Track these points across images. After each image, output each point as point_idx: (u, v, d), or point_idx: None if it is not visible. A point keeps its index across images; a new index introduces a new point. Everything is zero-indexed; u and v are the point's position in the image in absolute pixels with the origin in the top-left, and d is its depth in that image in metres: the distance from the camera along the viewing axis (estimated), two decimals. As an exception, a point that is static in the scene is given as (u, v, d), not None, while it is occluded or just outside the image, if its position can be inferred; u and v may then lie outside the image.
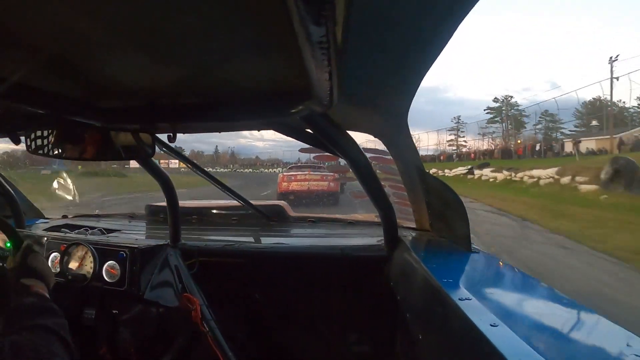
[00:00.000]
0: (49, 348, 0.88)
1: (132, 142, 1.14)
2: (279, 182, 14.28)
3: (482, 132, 49.00)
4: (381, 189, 1.48)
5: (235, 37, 0.60)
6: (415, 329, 1.19)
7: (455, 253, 1.42)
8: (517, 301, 1.10)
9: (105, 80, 0.83)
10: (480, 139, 50.07)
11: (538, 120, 42.75)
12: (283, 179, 14.36)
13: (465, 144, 52.32)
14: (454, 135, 53.94)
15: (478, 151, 42.38)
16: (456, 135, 54.17)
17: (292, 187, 13.62)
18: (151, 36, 0.61)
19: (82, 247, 1.60)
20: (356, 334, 1.80)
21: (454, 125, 54.48)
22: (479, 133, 48.90)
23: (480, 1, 0.66)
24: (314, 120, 1.06)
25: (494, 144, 45.07)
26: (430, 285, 1.11)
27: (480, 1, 0.66)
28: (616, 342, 0.77)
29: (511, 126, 46.71)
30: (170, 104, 0.97)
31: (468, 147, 50.44)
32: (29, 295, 1.01)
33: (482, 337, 0.75)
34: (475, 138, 51.04)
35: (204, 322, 1.59)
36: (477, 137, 50.86)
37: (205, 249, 1.80)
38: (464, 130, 53.39)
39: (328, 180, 12.82)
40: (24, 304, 0.98)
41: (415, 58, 0.89)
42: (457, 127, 54.31)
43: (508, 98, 51.62)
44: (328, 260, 1.71)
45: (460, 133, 54.02)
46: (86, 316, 1.62)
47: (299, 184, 13.73)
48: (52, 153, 1.12)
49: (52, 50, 0.66)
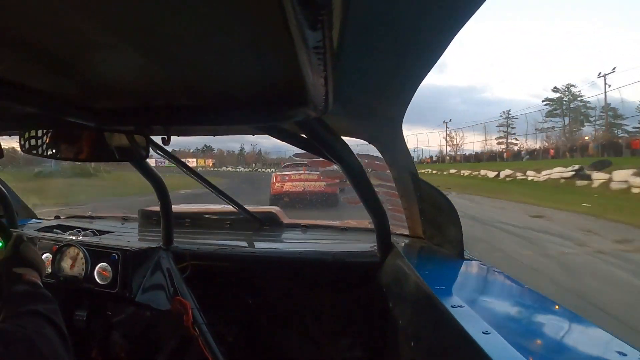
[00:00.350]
0: (40, 332, 0.89)
1: (126, 143, 1.14)
2: (272, 182, 13.31)
3: (539, 127, 41.34)
4: (375, 195, 1.49)
5: (232, 40, 0.60)
6: (407, 335, 1.18)
7: (448, 260, 1.42)
8: (509, 309, 1.10)
9: (100, 81, 0.83)
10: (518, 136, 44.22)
11: (599, 115, 37.71)
12: (276, 179, 13.32)
13: (517, 142, 45.52)
14: (503, 132, 47.38)
15: (529, 150, 37.15)
16: (506, 132, 47.63)
17: (286, 188, 12.73)
18: (147, 37, 0.61)
19: (74, 249, 1.59)
20: (348, 339, 1.79)
21: (502, 121, 47.47)
22: (536, 129, 41.03)
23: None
24: (308, 125, 1.06)
25: (549, 141, 39.01)
26: (423, 292, 1.11)
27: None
28: (607, 350, 0.77)
29: (572, 119, 40.08)
30: (165, 106, 0.97)
31: (519, 145, 43.63)
32: (22, 284, 1.03)
33: (474, 344, 0.75)
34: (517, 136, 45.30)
35: (196, 325, 1.58)
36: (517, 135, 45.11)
37: (197, 253, 1.80)
38: (514, 127, 46.72)
39: (324, 181, 11.41)
40: (16, 291, 0.99)
41: (411, 64, 0.90)
42: (506, 122, 47.55)
43: (569, 87, 43.24)
44: (320, 265, 1.71)
45: (511, 129, 47.16)
46: (77, 318, 1.61)
47: (294, 184, 12.75)
48: (46, 153, 1.12)
49: (47, 50, 0.66)
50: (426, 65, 0.88)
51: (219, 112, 0.96)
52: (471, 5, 0.65)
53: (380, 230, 1.59)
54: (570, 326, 0.94)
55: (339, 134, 1.24)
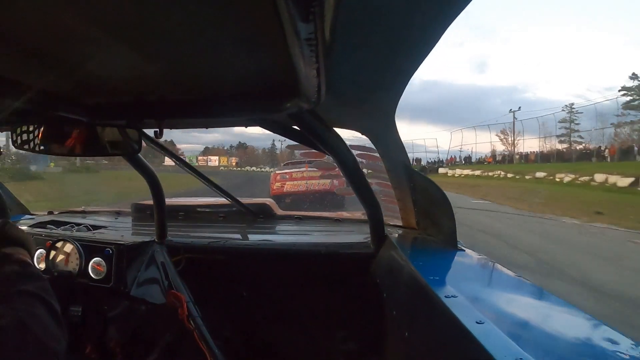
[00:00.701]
0: (31, 312, 0.88)
1: (118, 138, 1.14)
2: (271, 182, 12.18)
3: (614, 121, 33.89)
4: (368, 187, 1.49)
5: (223, 33, 0.60)
6: (401, 326, 1.19)
7: (442, 251, 1.43)
8: (502, 299, 1.11)
9: (92, 75, 0.82)
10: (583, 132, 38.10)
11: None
12: (275, 178, 12.14)
13: (582, 140, 39.65)
14: (565, 128, 41.77)
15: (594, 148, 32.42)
16: (568, 129, 41.96)
17: (287, 189, 11.58)
18: (138, 31, 0.60)
19: (68, 244, 1.59)
20: (343, 331, 1.80)
21: (564, 116, 41.90)
22: (612, 123, 33.85)
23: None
24: (301, 117, 1.06)
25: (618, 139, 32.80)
26: (417, 282, 1.12)
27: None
28: (601, 340, 0.78)
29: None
30: (157, 99, 0.97)
31: (584, 143, 38.26)
32: (11, 264, 1.01)
33: (468, 334, 0.76)
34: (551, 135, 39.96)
35: (190, 319, 1.59)
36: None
37: (191, 246, 1.80)
38: (578, 122, 41.18)
39: (331, 178, 9.50)
40: (4, 272, 0.97)
41: (404, 56, 0.90)
42: (568, 118, 42.06)
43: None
44: (314, 257, 1.72)
45: (574, 125, 41.52)
46: (72, 313, 1.61)
47: (295, 183, 11.64)
48: (38, 149, 1.11)
49: (38, 46, 0.66)
50: (418, 57, 0.88)
51: (211, 105, 0.95)
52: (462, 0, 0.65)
53: (374, 222, 1.60)
54: (563, 315, 0.95)
55: (331, 126, 1.24)
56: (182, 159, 1.88)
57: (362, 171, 1.45)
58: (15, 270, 0.99)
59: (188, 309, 1.59)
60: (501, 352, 0.68)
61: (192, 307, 1.62)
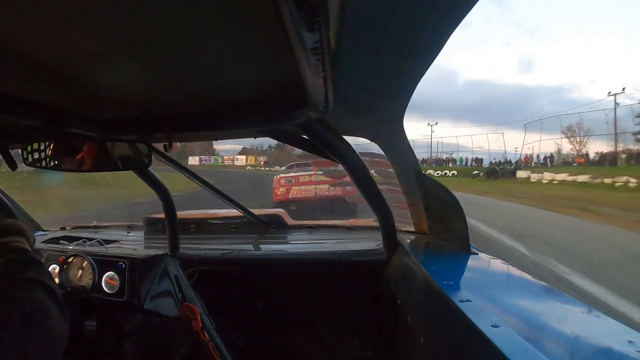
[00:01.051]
0: (34, 300, 0.88)
1: (129, 152, 1.14)
2: (274, 187, 10.78)
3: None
4: (379, 193, 1.49)
5: (229, 46, 0.60)
6: (416, 332, 1.18)
7: (455, 255, 1.42)
8: (517, 301, 1.10)
9: (100, 91, 0.83)
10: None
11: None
12: (279, 182, 10.66)
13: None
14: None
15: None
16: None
17: (293, 194, 10.15)
18: (145, 46, 0.61)
19: (81, 259, 1.60)
20: (358, 339, 1.79)
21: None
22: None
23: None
24: (310, 126, 1.06)
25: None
26: (431, 288, 1.11)
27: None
28: (618, 340, 0.77)
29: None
30: (166, 113, 0.97)
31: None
32: (10, 252, 1.02)
33: (484, 338, 0.75)
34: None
35: (205, 330, 1.59)
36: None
37: (204, 258, 1.80)
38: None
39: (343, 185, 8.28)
40: (4, 261, 0.98)
41: (410, 62, 0.89)
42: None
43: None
44: (327, 265, 1.71)
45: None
46: (87, 328, 1.62)
47: (302, 189, 10.23)
48: (49, 165, 1.12)
49: (45, 62, 0.66)
50: (425, 62, 0.88)
51: (220, 118, 0.96)
52: (467, 4, 0.64)
53: (386, 228, 1.59)
54: (580, 317, 0.94)
55: (340, 134, 1.24)
56: (193, 172, 1.88)
57: (372, 178, 1.44)
58: (14, 258, 1.00)
59: (202, 321, 1.59)
60: (518, 355, 0.67)
61: (206, 318, 1.62)
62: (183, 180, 1.90)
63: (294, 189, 10.21)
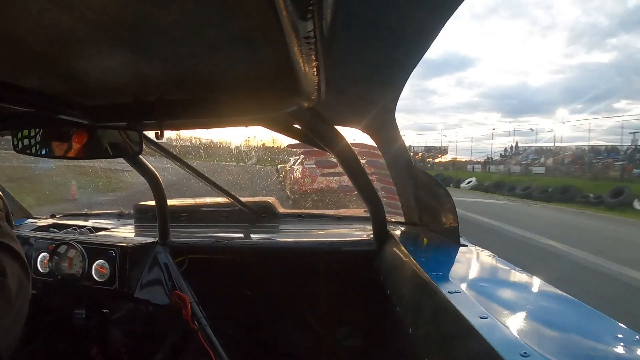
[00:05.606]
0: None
1: (119, 139, 1.13)
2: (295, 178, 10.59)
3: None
4: (369, 184, 1.49)
5: (222, 32, 0.60)
6: (405, 322, 1.19)
7: (444, 246, 1.43)
8: (505, 293, 1.11)
9: (91, 77, 0.82)
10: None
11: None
12: (304, 173, 10.30)
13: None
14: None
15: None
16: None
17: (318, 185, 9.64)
18: (136, 33, 0.60)
19: (71, 247, 1.59)
20: (347, 328, 1.80)
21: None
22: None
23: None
24: (301, 115, 1.06)
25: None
26: (420, 278, 1.12)
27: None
28: (605, 333, 0.78)
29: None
30: (157, 101, 0.97)
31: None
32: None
33: (472, 329, 0.76)
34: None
35: (195, 319, 1.59)
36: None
37: (194, 246, 1.80)
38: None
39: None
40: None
41: (402, 53, 0.89)
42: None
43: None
44: (317, 255, 1.72)
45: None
46: (77, 316, 1.61)
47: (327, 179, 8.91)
48: (40, 152, 1.11)
49: (36, 48, 0.65)
50: (417, 54, 0.88)
51: (211, 105, 0.95)
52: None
53: (376, 218, 1.60)
54: (568, 309, 0.95)
55: (332, 124, 1.24)
56: (184, 161, 1.87)
57: (364, 169, 1.45)
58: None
59: (192, 309, 1.59)
60: (505, 347, 0.67)
61: (196, 307, 1.62)
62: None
63: (320, 179, 9.47)
